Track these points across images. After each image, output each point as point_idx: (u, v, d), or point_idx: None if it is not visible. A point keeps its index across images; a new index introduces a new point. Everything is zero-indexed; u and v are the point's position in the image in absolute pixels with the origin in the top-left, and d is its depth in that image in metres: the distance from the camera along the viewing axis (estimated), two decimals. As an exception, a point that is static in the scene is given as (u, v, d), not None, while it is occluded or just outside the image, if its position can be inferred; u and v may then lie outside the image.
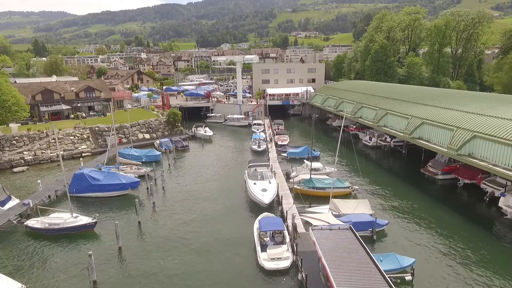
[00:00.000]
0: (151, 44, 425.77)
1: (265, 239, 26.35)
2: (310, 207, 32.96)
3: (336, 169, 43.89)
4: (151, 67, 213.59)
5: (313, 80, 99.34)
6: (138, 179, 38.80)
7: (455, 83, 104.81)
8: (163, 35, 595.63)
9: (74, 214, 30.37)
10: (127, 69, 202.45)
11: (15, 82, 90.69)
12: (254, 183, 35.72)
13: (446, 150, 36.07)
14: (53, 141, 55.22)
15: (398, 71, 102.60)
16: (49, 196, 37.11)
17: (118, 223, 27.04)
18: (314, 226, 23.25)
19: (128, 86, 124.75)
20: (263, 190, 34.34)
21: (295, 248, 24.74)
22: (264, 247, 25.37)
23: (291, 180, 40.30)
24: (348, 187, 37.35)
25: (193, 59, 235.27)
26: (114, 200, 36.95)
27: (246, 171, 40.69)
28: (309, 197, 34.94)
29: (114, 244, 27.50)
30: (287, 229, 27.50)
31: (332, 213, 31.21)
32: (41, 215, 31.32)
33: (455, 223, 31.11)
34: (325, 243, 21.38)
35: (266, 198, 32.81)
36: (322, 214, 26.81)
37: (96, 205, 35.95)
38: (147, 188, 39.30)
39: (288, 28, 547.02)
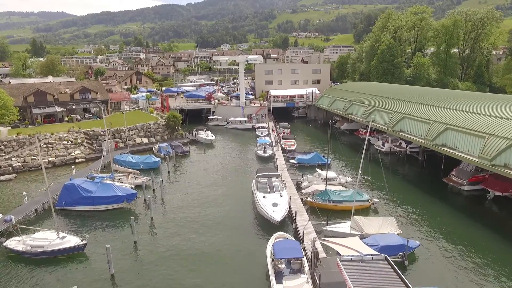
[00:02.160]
0: (150, 45, 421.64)
1: (280, 266, 22.71)
2: (327, 224, 29.32)
3: (351, 179, 40.46)
4: (150, 67, 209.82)
5: (318, 81, 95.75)
6: (135, 191, 35.08)
7: (464, 85, 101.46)
8: (163, 35, 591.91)
9: (61, 234, 26.68)
10: (126, 69, 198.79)
11: (9, 82, 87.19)
12: (264, 196, 32.06)
13: (477, 160, 32.47)
14: (45, 146, 51.54)
15: (405, 72, 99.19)
16: (36, 210, 33.41)
17: (110, 247, 23.31)
18: (343, 256, 19.59)
19: (126, 87, 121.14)
20: (274, 204, 30.68)
21: (316, 278, 21.09)
22: (279, 277, 21.70)
23: (303, 191, 36.75)
24: (368, 200, 33.75)
25: (192, 59, 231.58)
26: (107, 215, 33.27)
27: (253, 181, 37.04)
28: (326, 211, 31.31)
29: (106, 271, 23.82)
30: (306, 254, 23.85)
31: (352, 231, 27.76)
32: (24, 234, 27.61)
33: (490, 242, 27.49)
34: (357, 277, 17.77)
35: (277, 214, 29.14)
36: (347, 239, 23.15)
37: (88, 220, 32.24)
38: (145, 200, 35.60)
39: (288, 29, 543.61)
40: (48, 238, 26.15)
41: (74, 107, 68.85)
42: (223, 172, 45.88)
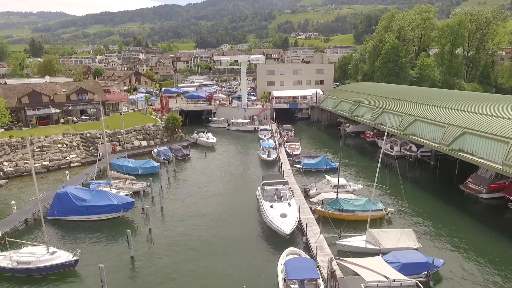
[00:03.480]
0: (149, 45, 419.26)
1: (293, 287, 20.46)
2: (340, 237, 27.05)
3: (362, 186, 38.21)
4: (149, 68, 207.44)
5: (321, 82, 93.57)
6: (132, 200, 32.72)
7: (470, 86, 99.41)
8: (162, 36, 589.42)
9: (51, 249, 24.36)
10: (125, 70, 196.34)
11: (5, 83, 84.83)
12: (271, 206, 29.74)
13: (501, 167, 30.21)
14: (38, 149, 49.21)
15: (409, 72, 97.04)
16: (26, 220, 31.06)
17: (104, 266, 21.02)
18: (367, 283, 17.32)
19: (125, 88, 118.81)
20: (282, 215, 28.38)
21: (334, 302, 18.86)
22: (292, 300, 19.48)
23: (312, 200, 34.48)
24: (382, 210, 31.48)
25: (192, 59, 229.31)
26: (103, 225, 30.95)
27: (259, 188, 34.78)
28: (337, 222, 29.03)
29: (99, 291, 21.55)
30: (321, 274, 21.59)
31: (368, 245, 25.52)
32: (12, 248, 25.28)
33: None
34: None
35: (287, 227, 26.82)
36: (369, 260, 20.84)
37: (81, 231, 29.91)
38: (143, 209, 33.29)
39: (287, 29, 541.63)
40: (37, 253, 23.83)
41: (70, 108, 66.51)
42: (226, 178, 43.55)
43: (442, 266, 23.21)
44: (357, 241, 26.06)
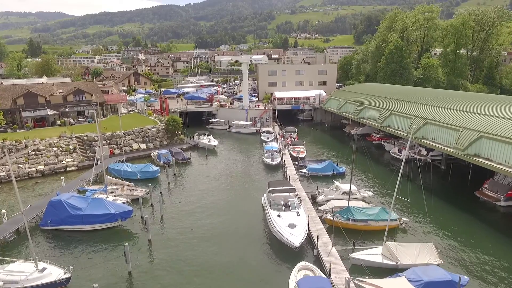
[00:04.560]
0: (149, 45, 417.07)
1: (306, 309, 18.62)
2: (354, 250, 25.21)
3: (372, 193, 36.38)
4: (148, 68, 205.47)
5: (324, 83, 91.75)
6: (131, 208, 30.79)
7: (474, 87, 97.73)
8: (161, 36, 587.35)
9: (41, 265, 22.46)
10: (124, 70, 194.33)
11: (1, 83, 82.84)
12: (278, 215, 27.89)
13: (523, 174, 28.42)
14: (33, 153, 47.29)
15: (413, 73, 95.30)
16: (17, 230, 29.15)
17: (98, 286, 19.14)
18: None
19: (124, 88, 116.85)
20: (291, 226, 26.51)
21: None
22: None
23: (321, 208, 32.61)
24: (396, 220, 29.63)
25: (192, 60, 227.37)
26: (99, 236, 29.02)
27: (265, 195, 32.94)
28: (348, 232, 27.19)
29: (94, 313, 19.65)
30: (336, 294, 19.78)
31: (385, 260, 23.69)
32: (-2, 263, 23.42)
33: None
34: None
35: (296, 239, 24.94)
36: (391, 281, 19.00)
37: (75, 243, 27.98)
38: (142, 217, 31.39)
39: (287, 29, 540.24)
40: (25, 271, 21.90)
41: (67, 109, 64.57)
42: (228, 184, 41.62)
43: (467, 284, 21.38)
44: (372, 254, 24.21)
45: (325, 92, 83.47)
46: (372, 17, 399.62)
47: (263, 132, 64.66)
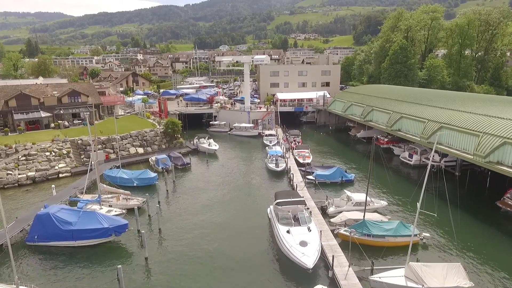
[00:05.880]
0: (148, 46, 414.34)
1: None
2: (372, 271, 22.70)
3: (386, 202, 33.89)
4: (147, 68, 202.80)
5: (327, 84, 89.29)
6: (126, 222, 28.12)
7: (481, 88, 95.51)
8: (160, 36, 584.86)
9: (23, 291, 19.96)
10: (123, 70, 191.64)
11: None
12: (287, 231, 25.32)
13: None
14: (23, 158, 44.67)
15: (418, 74, 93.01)
16: (1, 246, 26.55)
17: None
18: None
19: (121, 89, 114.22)
20: (302, 243, 23.96)
21: None
22: None
23: (332, 221, 30.07)
24: (416, 235, 27.10)
25: (191, 60, 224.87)
26: (90, 253, 26.41)
27: (271, 207, 30.40)
28: (364, 248, 24.69)
29: None
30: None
31: (409, 283, 21.19)
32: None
33: None
34: None
35: (309, 260, 22.37)
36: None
37: (64, 262, 25.35)
38: (138, 231, 28.80)
39: (286, 30, 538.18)
40: (4, 298, 19.43)
41: (62, 112, 61.97)
42: (231, 193, 38.96)
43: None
44: (394, 277, 21.70)
45: (329, 94, 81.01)
46: (371, 17, 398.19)
47: (266, 135, 62.13)
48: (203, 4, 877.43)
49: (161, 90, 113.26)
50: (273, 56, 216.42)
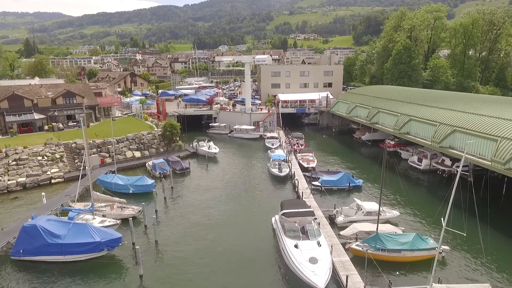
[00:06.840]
0: (147, 46, 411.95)
1: None
2: (391, 292, 20.62)
3: (399, 212, 31.79)
4: (146, 69, 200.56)
5: (330, 85, 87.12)
6: (119, 235, 25.92)
7: (486, 89, 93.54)
8: (159, 36, 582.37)
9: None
10: (121, 70, 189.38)
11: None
12: (295, 246, 23.22)
13: None
14: (14, 163, 42.47)
15: (422, 74, 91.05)
16: (-17, 262, 24.46)
17: None
18: None
19: (119, 90, 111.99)
20: (312, 260, 21.83)
21: None
22: None
23: (342, 233, 27.87)
24: (434, 248, 25.01)
25: (190, 60, 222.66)
26: (80, 270, 24.25)
27: (276, 217, 28.30)
28: (381, 264, 22.60)
29: None
30: None
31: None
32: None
33: None
34: None
35: (320, 280, 20.22)
36: None
37: (51, 279, 23.21)
38: (133, 243, 26.67)
39: (285, 30, 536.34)
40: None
41: (56, 113, 59.72)
42: (232, 200, 36.82)
43: None
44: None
45: (331, 95, 78.97)
46: (371, 18, 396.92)
47: (268, 137, 60.02)
48: (202, 4, 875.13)
49: (160, 91, 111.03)
50: (273, 56, 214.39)
